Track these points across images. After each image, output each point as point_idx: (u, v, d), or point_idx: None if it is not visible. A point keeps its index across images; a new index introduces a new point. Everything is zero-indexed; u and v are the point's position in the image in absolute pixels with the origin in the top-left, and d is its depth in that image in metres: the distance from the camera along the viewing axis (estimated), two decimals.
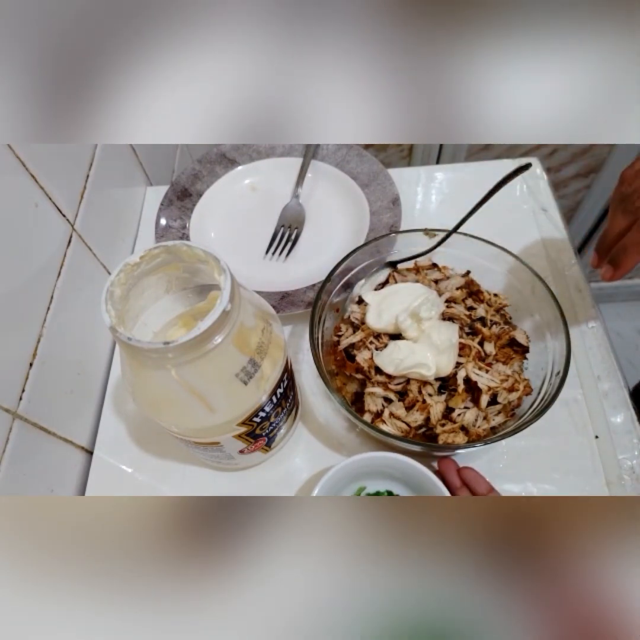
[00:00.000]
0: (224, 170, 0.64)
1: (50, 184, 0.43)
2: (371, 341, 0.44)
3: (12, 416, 0.38)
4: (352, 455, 0.39)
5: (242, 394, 0.33)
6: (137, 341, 0.27)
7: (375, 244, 0.48)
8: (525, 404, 0.42)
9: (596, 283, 1.43)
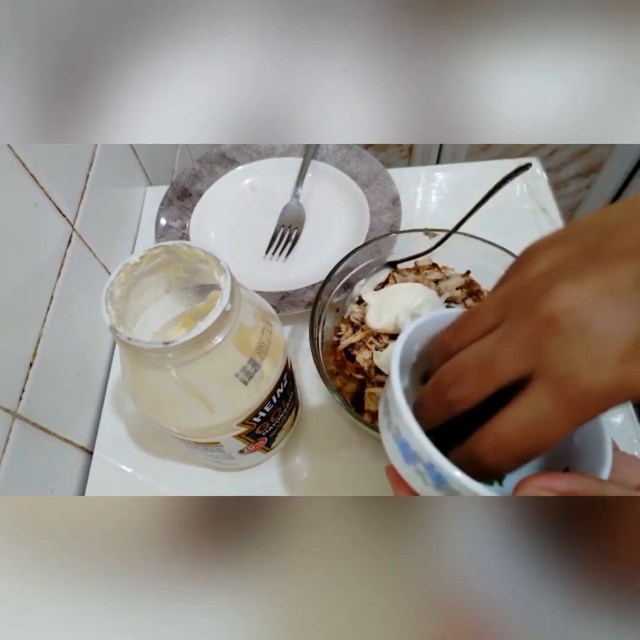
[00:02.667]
0: (224, 170, 0.64)
1: (50, 184, 0.43)
2: (371, 341, 0.44)
3: (12, 416, 0.38)
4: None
5: (242, 394, 0.33)
6: (137, 341, 0.27)
7: (375, 244, 0.48)
8: None
9: None
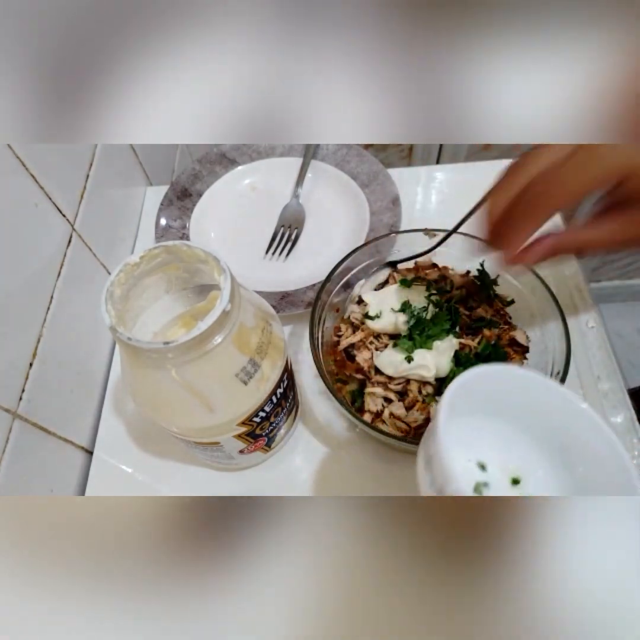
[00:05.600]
0: (224, 170, 0.64)
1: (50, 184, 0.43)
2: (371, 341, 0.44)
3: (12, 416, 0.38)
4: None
5: (242, 394, 0.33)
6: (137, 341, 0.27)
7: (375, 244, 0.48)
8: None
9: (596, 283, 1.43)
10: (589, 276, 1.39)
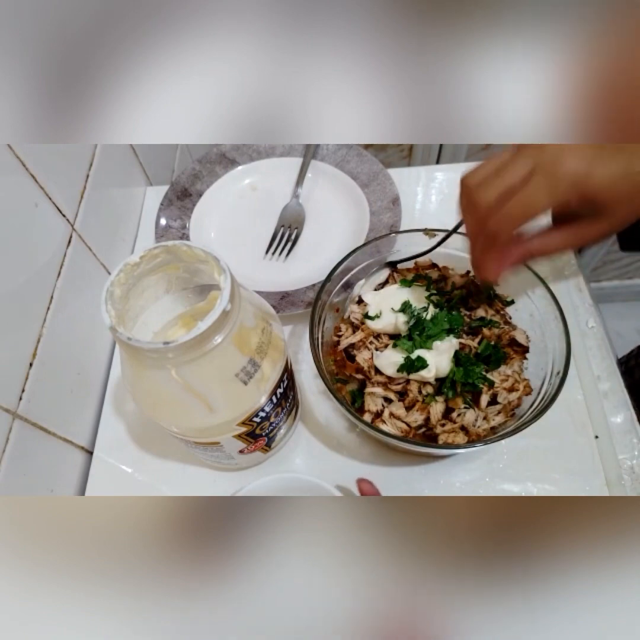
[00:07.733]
0: (224, 170, 0.64)
1: (50, 184, 0.43)
2: (371, 341, 0.44)
3: (12, 416, 0.38)
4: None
5: (242, 394, 0.33)
6: (137, 341, 0.27)
7: (375, 244, 0.48)
8: (525, 404, 0.42)
9: (596, 283, 1.43)
10: (589, 276, 1.39)
